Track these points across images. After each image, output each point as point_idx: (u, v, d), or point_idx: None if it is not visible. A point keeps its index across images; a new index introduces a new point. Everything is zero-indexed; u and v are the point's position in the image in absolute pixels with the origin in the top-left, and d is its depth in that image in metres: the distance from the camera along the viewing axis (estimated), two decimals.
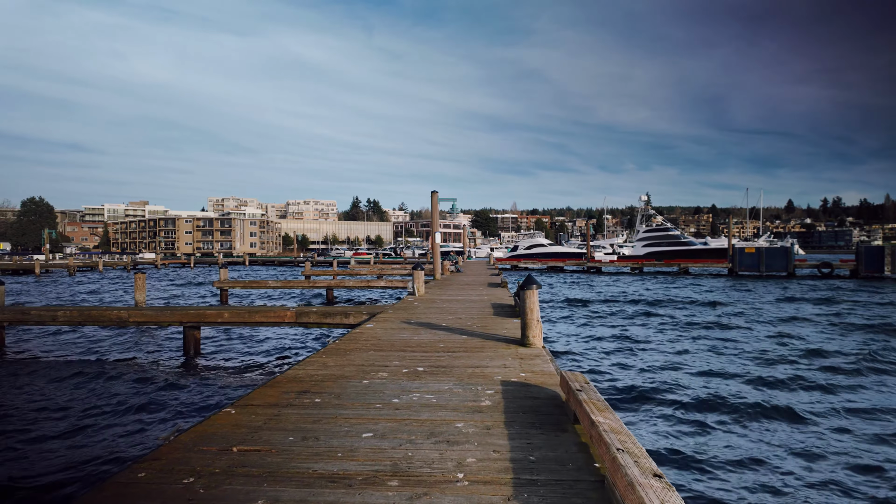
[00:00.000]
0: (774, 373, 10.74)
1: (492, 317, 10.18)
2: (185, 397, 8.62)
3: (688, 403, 8.58)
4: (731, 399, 8.83)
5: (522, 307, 7.10)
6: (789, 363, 11.73)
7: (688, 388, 9.57)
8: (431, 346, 7.19)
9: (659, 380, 10.15)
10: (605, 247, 75.37)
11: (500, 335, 8.07)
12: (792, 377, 10.35)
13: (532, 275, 7.05)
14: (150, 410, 8.00)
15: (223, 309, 11.90)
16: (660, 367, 11.34)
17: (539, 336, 7.10)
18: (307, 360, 6.38)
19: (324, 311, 11.42)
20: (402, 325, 9.30)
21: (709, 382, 10.05)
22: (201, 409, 7.93)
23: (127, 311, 11.81)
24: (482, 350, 6.91)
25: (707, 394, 9.14)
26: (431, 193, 22.91)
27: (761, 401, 8.72)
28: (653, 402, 8.70)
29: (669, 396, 8.98)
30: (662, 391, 9.32)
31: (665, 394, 9.14)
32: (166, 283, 43.47)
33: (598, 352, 13.06)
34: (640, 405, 8.57)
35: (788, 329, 16.61)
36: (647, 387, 9.58)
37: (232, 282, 23.42)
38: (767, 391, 9.46)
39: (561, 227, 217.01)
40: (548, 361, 6.20)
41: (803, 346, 13.77)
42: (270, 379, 5.47)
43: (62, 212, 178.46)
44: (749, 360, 12.00)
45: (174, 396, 8.62)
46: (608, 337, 15.31)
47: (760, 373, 10.72)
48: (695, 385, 9.79)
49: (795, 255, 44.86)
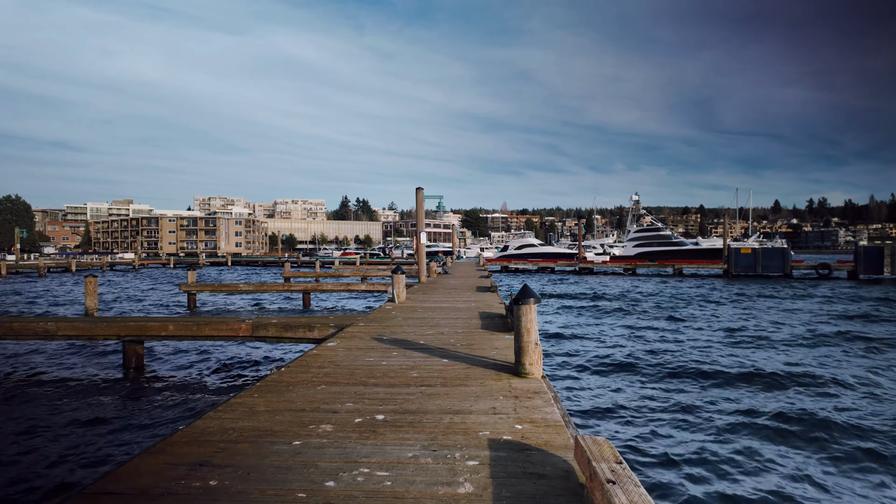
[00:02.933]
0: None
1: (479, 331, 8.66)
2: (87, 440, 7.00)
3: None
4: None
5: (517, 326, 5.59)
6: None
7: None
8: (401, 377, 5.65)
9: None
10: (595, 247, 74.14)
11: (488, 358, 6.55)
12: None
13: (528, 284, 5.52)
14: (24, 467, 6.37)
15: (168, 321, 10.26)
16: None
17: (538, 363, 5.58)
18: (231, 401, 4.81)
19: (284, 322, 9.83)
20: (371, 342, 7.75)
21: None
22: (94, 464, 6.26)
23: (55, 323, 10.13)
24: (466, 382, 5.38)
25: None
26: (416, 190, 21.33)
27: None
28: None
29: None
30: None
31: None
32: (139, 284, 41.46)
33: (613, 379, 10.85)
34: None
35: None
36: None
37: (200, 285, 21.67)
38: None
39: (551, 227, 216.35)
40: (551, 402, 4.68)
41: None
42: (163, 439, 3.89)
43: (43, 211, 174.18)
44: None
45: (71, 443, 6.97)
46: (619, 357, 12.87)
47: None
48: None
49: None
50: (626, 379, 10.80)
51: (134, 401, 8.59)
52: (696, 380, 10.67)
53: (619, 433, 7.62)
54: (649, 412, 8.56)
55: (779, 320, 19.10)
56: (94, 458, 6.40)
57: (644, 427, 7.85)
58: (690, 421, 8.14)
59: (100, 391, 9.15)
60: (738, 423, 8.01)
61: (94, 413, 7.97)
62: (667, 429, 7.80)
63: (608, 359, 12.64)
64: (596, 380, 10.75)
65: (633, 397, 9.42)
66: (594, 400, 9.23)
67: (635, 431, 7.67)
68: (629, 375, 11.07)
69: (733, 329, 17.12)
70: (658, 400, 9.24)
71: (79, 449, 6.72)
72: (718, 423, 8.05)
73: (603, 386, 10.25)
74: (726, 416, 8.38)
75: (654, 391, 9.82)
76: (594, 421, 8.15)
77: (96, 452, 6.61)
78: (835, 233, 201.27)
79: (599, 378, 10.89)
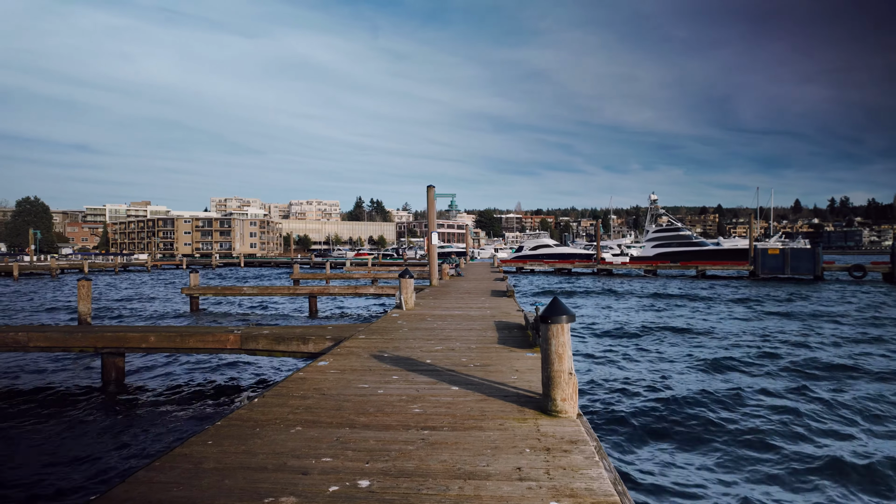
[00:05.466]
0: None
1: (496, 346, 7.49)
2: (13, 478, 5.94)
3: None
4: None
5: (545, 350, 4.41)
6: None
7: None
8: (399, 413, 4.50)
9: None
10: (612, 247, 72.32)
11: (508, 385, 5.38)
12: None
13: (559, 298, 4.32)
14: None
15: (150, 331, 9.24)
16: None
17: (573, 399, 4.39)
18: (175, 452, 3.70)
19: (277, 334, 8.75)
20: (369, 361, 6.62)
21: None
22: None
23: (27, 333, 9.17)
24: (481, 423, 4.22)
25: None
26: (427, 188, 20.22)
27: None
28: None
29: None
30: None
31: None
32: (149, 286, 40.93)
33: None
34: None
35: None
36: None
37: (202, 288, 20.78)
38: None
39: (566, 227, 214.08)
40: (595, 459, 3.49)
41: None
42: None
43: (64, 212, 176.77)
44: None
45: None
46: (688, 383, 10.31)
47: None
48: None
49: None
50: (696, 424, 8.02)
51: (97, 432, 7.31)
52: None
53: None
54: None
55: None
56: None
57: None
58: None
59: (62, 412, 8.14)
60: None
61: (39, 443, 6.95)
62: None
63: (667, 394, 9.64)
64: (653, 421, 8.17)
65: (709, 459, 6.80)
66: (647, 449, 7.11)
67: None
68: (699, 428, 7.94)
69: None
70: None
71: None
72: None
73: (660, 434, 7.66)
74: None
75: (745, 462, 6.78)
76: (650, 480, 6.15)
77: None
78: (858, 233, 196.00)
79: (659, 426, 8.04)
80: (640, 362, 12.53)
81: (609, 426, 7.93)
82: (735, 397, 9.33)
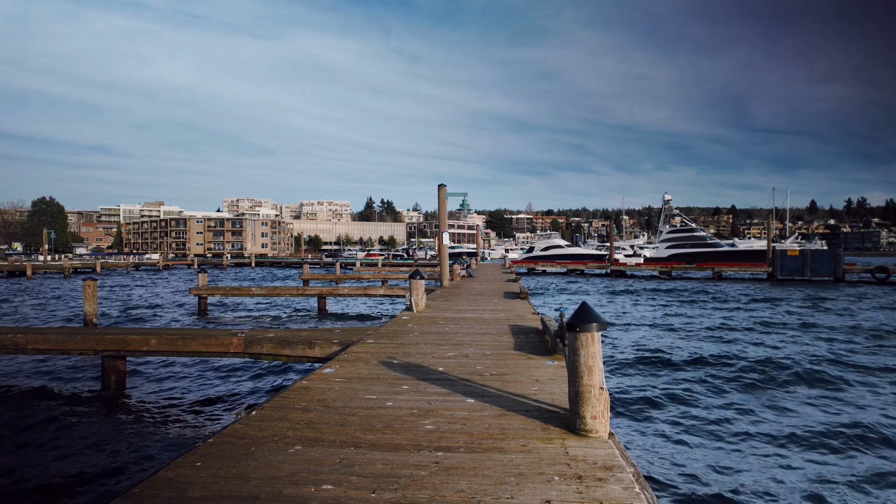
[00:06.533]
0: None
1: (512, 353, 7.03)
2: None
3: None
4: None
5: (573, 363, 3.95)
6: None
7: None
8: (410, 430, 4.07)
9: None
10: (624, 248, 71.36)
11: (528, 397, 4.92)
12: None
13: (587, 304, 3.86)
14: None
15: (151, 334, 8.90)
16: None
17: (604, 417, 3.93)
18: (159, 475, 3.28)
19: (282, 337, 8.35)
20: (378, 368, 6.19)
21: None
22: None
23: (25, 335, 8.87)
24: (501, 443, 3.76)
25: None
26: (438, 187, 19.79)
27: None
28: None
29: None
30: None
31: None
32: (159, 285, 40.94)
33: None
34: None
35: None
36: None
37: (210, 288, 20.52)
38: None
39: (577, 227, 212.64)
40: (634, 489, 3.03)
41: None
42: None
43: (79, 212, 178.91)
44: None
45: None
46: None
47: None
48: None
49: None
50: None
51: (84, 446, 6.79)
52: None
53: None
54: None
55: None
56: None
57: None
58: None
59: (53, 421, 7.79)
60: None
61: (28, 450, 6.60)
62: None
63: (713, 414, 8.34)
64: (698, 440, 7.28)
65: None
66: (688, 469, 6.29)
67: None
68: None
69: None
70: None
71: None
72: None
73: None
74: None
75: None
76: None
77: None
78: (876, 234, 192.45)
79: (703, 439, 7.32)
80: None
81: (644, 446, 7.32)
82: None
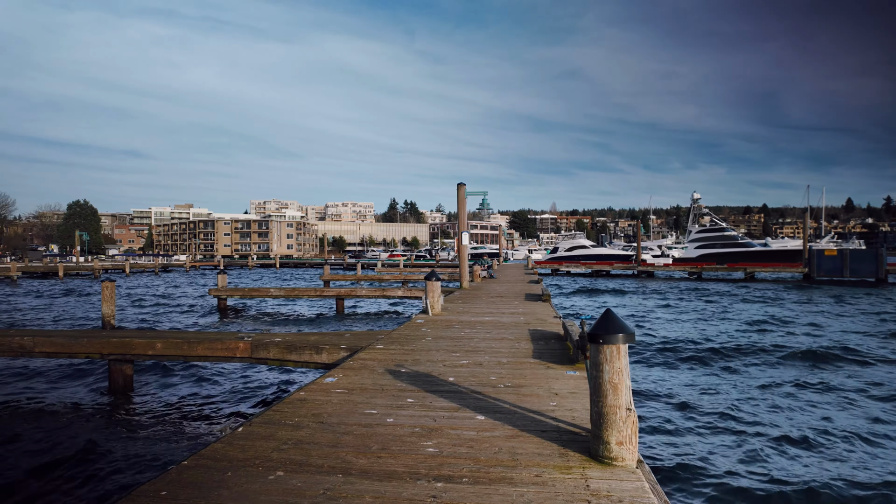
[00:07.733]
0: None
1: (530, 361, 6.50)
2: None
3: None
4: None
5: (595, 379, 3.41)
6: None
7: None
8: (409, 454, 3.58)
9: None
10: (652, 248, 69.66)
11: (545, 414, 4.39)
12: None
13: (612, 311, 3.29)
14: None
15: (157, 337, 8.63)
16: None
17: (632, 441, 3.38)
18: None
19: (289, 342, 7.98)
20: (383, 377, 5.73)
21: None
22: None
23: (32, 338, 8.70)
24: (511, 474, 3.25)
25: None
26: (458, 186, 19.31)
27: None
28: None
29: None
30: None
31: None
32: (184, 286, 41.42)
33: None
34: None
35: None
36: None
37: (230, 290, 20.43)
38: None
39: (602, 227, 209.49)
40: None
41: None
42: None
43: (112, 215, 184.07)
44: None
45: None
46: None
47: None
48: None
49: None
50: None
51: (69, 462, 6.32)
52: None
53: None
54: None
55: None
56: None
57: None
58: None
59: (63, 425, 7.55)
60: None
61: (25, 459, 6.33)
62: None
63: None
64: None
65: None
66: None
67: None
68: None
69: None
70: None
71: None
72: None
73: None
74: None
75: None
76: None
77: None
78: None
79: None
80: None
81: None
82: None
